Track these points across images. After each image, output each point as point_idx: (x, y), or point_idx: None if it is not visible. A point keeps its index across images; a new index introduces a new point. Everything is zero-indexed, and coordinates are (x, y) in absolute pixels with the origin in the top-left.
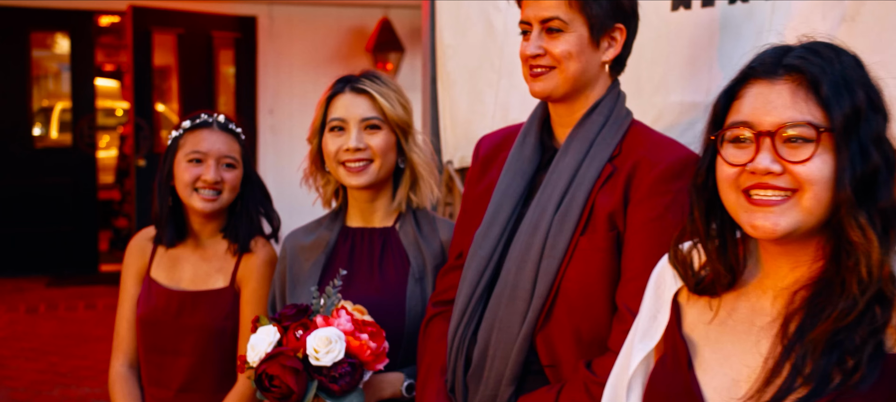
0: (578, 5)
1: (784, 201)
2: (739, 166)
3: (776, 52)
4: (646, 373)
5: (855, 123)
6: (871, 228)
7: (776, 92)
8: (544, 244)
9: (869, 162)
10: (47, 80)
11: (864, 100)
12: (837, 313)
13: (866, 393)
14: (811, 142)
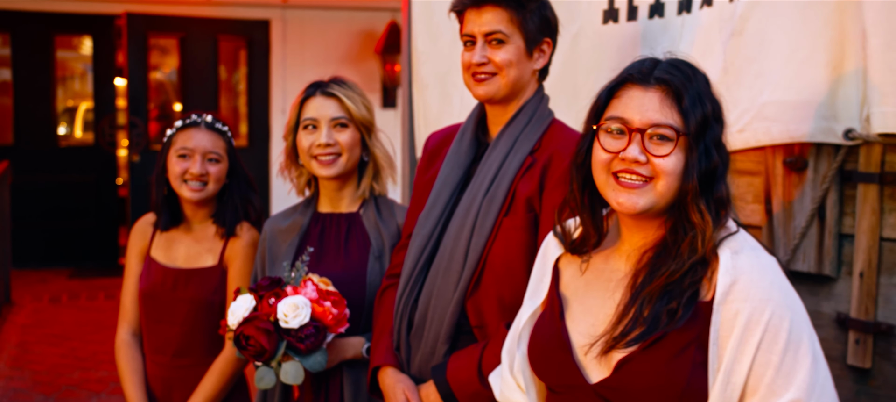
0: (517, 21)
1: (643, 185)
2: (613, 154)
3: (649, 64)
4: (533, 325)
5: (704, 129)
6: (708, 212)
7: (648, 97)
8: (474, 224)
9: (711, 161)
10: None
11: (711, 111)
12: (670, 272)
13: (682, 329)
14: (671, 141)
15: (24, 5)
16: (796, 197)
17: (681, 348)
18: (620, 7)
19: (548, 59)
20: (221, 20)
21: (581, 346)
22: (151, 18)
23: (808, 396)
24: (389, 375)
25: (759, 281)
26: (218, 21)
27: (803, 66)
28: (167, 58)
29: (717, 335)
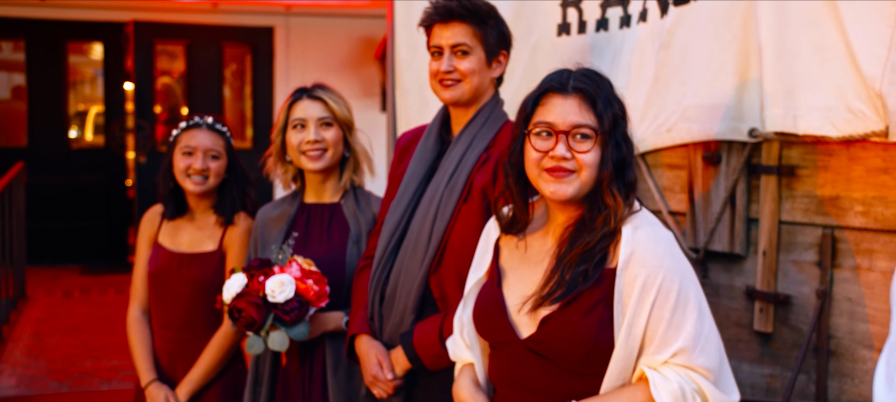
0: (479, 35)
1: (569, 176)
2: (542, 152)
3: (566, 75)
4: (477, 293)
5: (614, 126)
6: (620, 194)
7: (568, 103)
8: (437, 211)
9: (621, 152)
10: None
11: (619, 111)
12: (585, 243)
13: (592, 290)
14: (590, 139)
15: (37, 13)
16: (712, 187)
17: (591, 306)
18: (572, 22)
19: (503, 68)
20: (226, 27)
21: (514, 307)
22: (158, 26)
23: (693, 345)
24: (364, 342)
25: (654, 251)
26: (223, 28)
27: (716, 74)
28: (176, 63)
29: (620, 296)
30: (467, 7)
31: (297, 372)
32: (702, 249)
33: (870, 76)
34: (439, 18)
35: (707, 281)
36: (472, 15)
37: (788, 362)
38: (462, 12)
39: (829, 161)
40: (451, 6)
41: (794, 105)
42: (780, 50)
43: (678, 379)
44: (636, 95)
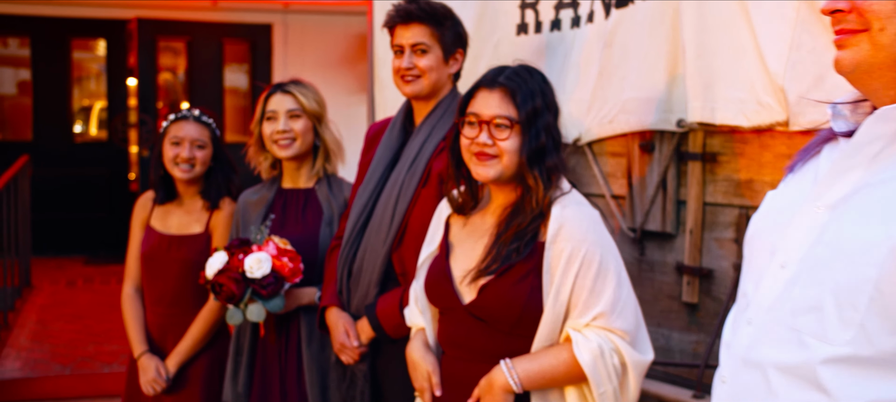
0: (437, 35)
1: (491, 160)
2: (471, 139)
3: (497, 72)
4: (428, 265)
5: (533, 118)
6: (541, 177)
7: (493, 97)
8: (399, 194)
9: (539, 141)
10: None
11: (540, 105)
12: (517, 223)
13: (524, 262)
14: (509, 128)
15: (42, 11)
16: (647, 173)
17: (523, 275)
18: (529, 22)
19: (459, 65)
20: (226, 24)
21: (459, 277)
22: (160, 23)
23: (612, 310)
24: (333, 313)
25: (579, 227)
26: (223, 25)
27: (650, 71)
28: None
29: (548, 267)
30: (426, 10)
31: (274, 343)
32: (639, 228)
33: (775, 72)
34: (400, 20)
35: (644, 258)
36: (430, 17)
37: (711, 329)
38: (421, 14)
39: (744, 148)
40: (411, 9)
41: (712, 98)
42: (700, 48)
43: (598, 340)
44: (584, 89)
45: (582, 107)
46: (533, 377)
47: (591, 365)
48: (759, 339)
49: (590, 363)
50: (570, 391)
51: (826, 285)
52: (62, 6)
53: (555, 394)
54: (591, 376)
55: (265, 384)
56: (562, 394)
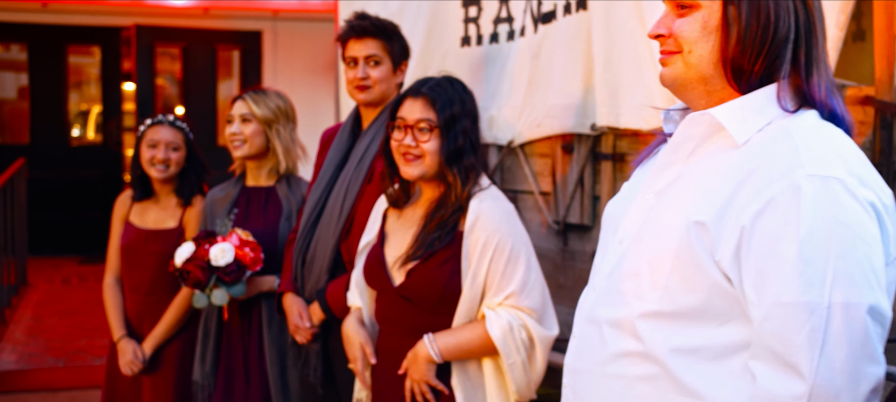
0: (388, 48)
1: (415, 160)
2: (398, 141)
3: (421, 83)
4: (367, 252)
5: (451, 123)
6: (459, 175)
7: (417, 104)
8: (346, 191)
9: (457, 143)
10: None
11: (459, 111)
12: (441, 214)
13: (445, 249)
14: (430, 131)
15: (39, 19)
16: (568, 171)
17: (444, 260)
18: (472, 36)
19: (404, 75)
20: (219, 31)
21: (391, 262)
22: (157, 30)
23: (521, 291)
24: (288, 298)
25: (493, 219)
26: (216, 32)
27: (570, 80)
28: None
29: (466, 253)
30: (377, 25)
31: (238, 326)
32: (561, 221)
33: None
34: (354, 34)
35: (566, 248)
36: (381, 31)
37: None
38: (373, 30)
39: None
40: (364, 25)
41: (618, 105)
42: (607, 61)
43: (508, 316)
44: (516, 96)
45: (515, 112)
46: (451, 349)
47: (501, 339)
48: (598, 301)
49: (500, 337)
50: (487, 362)
51: (643, 255)
52: (58, 14)
53: (472, 365)
54: (501, 348)
55: (230, 364)
56: (479, 365)
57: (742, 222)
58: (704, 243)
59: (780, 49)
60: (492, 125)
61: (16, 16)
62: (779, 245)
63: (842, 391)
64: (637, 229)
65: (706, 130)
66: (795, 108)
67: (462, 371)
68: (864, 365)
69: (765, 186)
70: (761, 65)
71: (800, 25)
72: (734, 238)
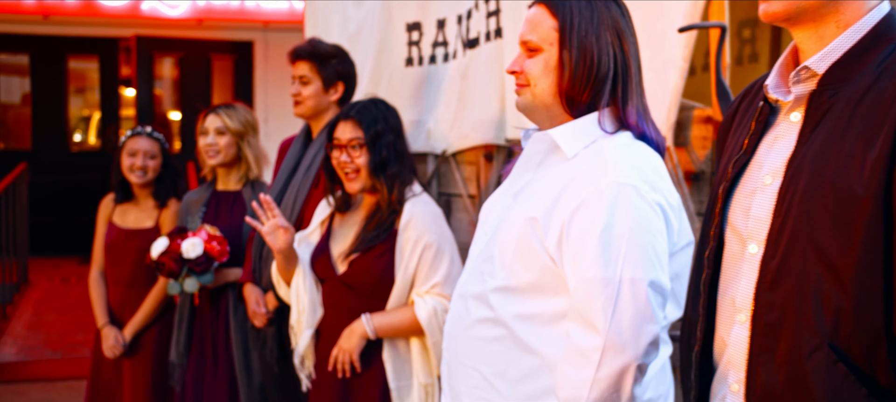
0: (318, 70)
1: (356, 176)
2: (337, 159)
3: (350, 107)
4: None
5: (376, 139)
6: (385, 183)
7: (348, 125)
8: (297, 194)
9: (381, 156)
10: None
11: (382, 128)
12: (378, 216)
13: (382, 244)
14: (360, 147)
15: (40, 30)
16: (490, 178)
17: (380, 253)
18: (414, 57)
19: (340, 94)
20: (213, 42)
21: (336, 256)
22: (156, 40)
23: (444, 281)
24: (248, 287)
25: (423, 220)
26: (210, 42)
27: (490, 99)
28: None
29: (400, 248)
30: (309, 50)
31: (208, 313)
32: None
33: None
34: (292, 58)
35: None
36: (312, 55)
37: None
38: (305, 54)
39: None
40: (299, 49)
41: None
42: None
43: (433, 302)
44: (449, 111)
45: (448, 125)
46: (384, 328)
47: (427, 321)
48: (465, 280)
49: (426, 319)
50: (414, 341)
51: (497, 244)
52: (59, 26)
53: (401, 343)
54: (426, 329)
55: (201, 346)
56: (407, 343)
57: (563, 218)
58: (537, 234)
59: (601, 85)
60: (430, 136)
61: (18, 27)
62: (587, 235)
63: (628, 343)
64: (497, 223)
65: (548, 146)
66: (614, 130)
67: (392, 348)
68: (644, 324)
69: (580, 190)
70: (587, 96)
71: (618, 67)
72: (557, 230)
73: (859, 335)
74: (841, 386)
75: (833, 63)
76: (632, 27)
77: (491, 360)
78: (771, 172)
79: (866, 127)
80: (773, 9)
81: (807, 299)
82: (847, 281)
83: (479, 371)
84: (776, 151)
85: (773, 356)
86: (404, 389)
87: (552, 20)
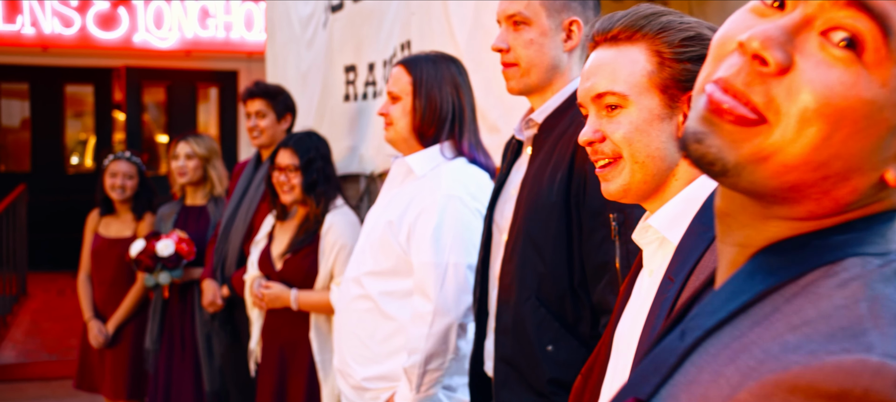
0: (271, 105)
1: (289, 191)
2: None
3: (289, 137)
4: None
5: (308, 164)
6: (313, 199)
7: (287, 153)
8: (249, 207)
9: (312, 177)
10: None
11: (314, 155)
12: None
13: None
14: (295, 170)
15: (38, 61)
16: None
17: (307, 254)
18: (350, 93)
19: (289, 123)
20: (199, 71)
21: (275, 255)
22: (144, 71)
23: None
24: (206, 282)
25: (339, 227)
26: (196, 72)
27: None
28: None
29: (323, 249)
30: (262, 89)
31: (176, 306)
32: None
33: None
34: (247, 97)
35: None
36: (265, 93)
37: None
38: (258, 92)
39: None
40: (253, 89)
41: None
42: None
43: None
44: (376, 139)
45: (375, 151)
46: (304, 302)
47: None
48: (349, 267)
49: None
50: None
51: (368, 240)
52: (56, 57)
53: (324, 324)
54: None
55: (171, 334)
56: (328, 321)
57: (410, 221)
58: (393, 232)
59: (443, 124)
60: (362, 160)
61: (18, 58)
62: (424, 232)
63: (451, 308)
64: (372, 226)
65: (406, 169)
66: (452, 156)
67: (317, 329)
68: (463, 295)
69: (423, 200)
70: (433, 132)
71: (455, 110)
72: (407, 229)
73: (553, 290)
74: (541, 322)
75: (546, 116)
76: (468, 82)
77: (364, 325)
78: (515, 187)
79: (558, 158)
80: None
81: (525, 269)
82: (546, 257)
83: (356, 335)
84: (517, 173)
85: (508, 305)
86: (327, 361)
87: (408, 77)
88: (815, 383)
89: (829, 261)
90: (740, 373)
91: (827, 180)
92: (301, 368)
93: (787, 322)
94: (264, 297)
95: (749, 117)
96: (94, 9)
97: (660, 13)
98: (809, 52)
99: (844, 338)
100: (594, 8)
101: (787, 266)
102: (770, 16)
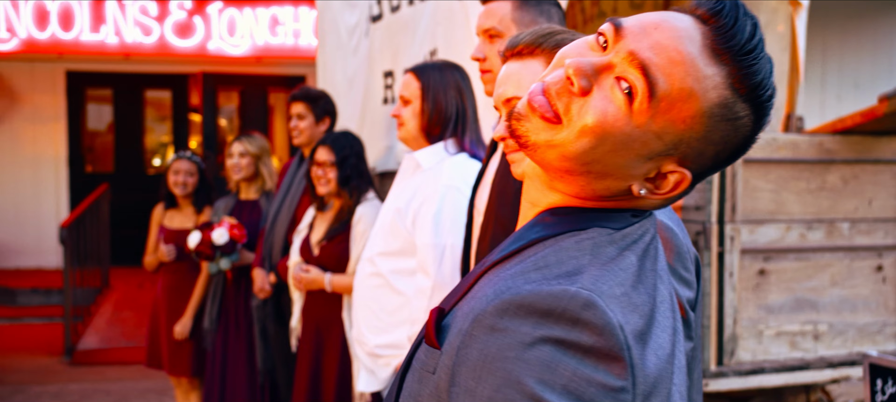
0: (311, 108)
1: (325, 185)
2: (315, 173)
3: (327, 136)
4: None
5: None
6: (346, 192)
7: (325, 149)
8: (293, 198)
9: (346, 173)
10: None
11: (348, 153)
12: (340, 215)
13: (341, 234)
14: (332, 166)
15: (121, 68)
16: None
17: (340, 241)
18: (388, 97)
19: (328, 125)
20: (271, 76)
21: (313, 243)
22: (219, 76)
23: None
24: (257, 270)
25: (369, 217)
26: (268, 77)
27: None
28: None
29: (354, 237)
30: (303, 93)
31: (232, 289)
32: None
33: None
34: (291, 100)
35: None
36: (306, 97)
37: None
38: (300, 96)
39: None
40: (294, 94)
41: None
42: None
43: None
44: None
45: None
46: (336, 284)
47: None
48: (368, 247)
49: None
50: None
51: (381, 224)
52: (137, 64)
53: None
54: None
55: (227, 315)
56: None
57: (415, 208)
58: (401, 218)
59: (447, 124)
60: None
61: (103, 66)
62: (426, 217)
63: (447, 283)
64: (385, 212)
65: (415, 163)
66: (455, 152)
67: (348, 306)
68: (458, 273)
69: (426, 189)
70: (438, 131)
71: (458, 112)
72: (412, 215)
73: None
74: None
75: None
76: (470, 87)
77: (376, 299)
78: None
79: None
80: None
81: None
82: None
83: (370, 308)
84: (493, 165)
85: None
86: None
87: (417, 83)
88: (534, 303)
89: (581, 228)
90: (494, 292)
91: (590, 174)
92: (335, 344)
93: (534, 262)
94: (302, 280)
95: (549, 117)
96: (172, 18)
97: (556, 32)
98: (604, 87)
99: (564, 276)
100: (559, 19)
101: (555, 225)
102: (595, 51)
